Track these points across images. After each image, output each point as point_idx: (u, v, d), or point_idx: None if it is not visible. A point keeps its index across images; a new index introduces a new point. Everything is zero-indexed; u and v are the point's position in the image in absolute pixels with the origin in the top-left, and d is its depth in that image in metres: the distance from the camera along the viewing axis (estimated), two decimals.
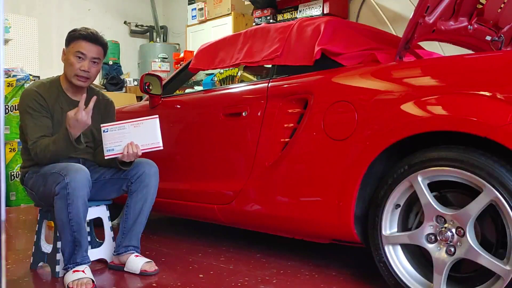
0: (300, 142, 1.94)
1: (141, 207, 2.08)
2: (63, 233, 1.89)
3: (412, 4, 3.98)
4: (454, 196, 1.60)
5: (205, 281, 1.92)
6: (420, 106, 1.59)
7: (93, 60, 2.08)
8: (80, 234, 1.89)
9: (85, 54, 2.06)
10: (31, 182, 2.05)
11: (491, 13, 2.11)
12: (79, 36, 2.07)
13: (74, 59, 2.06)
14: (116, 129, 1.94)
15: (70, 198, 1.83)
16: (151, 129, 1.99)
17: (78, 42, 2.06)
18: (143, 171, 2.08)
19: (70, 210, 1.84)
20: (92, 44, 2.08)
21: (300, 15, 4.52)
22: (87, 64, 2.06)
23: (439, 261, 1.52)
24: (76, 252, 1.91)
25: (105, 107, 2.27)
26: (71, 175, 1.84)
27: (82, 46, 2.06)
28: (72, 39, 2.08)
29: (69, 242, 1.89)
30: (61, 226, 1.88)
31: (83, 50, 2.06)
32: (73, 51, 2.06)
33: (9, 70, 4.26)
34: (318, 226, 1.89)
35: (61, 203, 1.84)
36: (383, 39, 2.32)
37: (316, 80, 1.98)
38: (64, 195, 1.83)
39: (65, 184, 1.82)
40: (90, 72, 2.08)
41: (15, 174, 4.06)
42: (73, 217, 1.85)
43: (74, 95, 2.14)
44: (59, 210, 1.86)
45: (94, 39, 2.08)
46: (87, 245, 1.96)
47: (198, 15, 5.86)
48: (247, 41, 2.40)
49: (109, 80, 6.11)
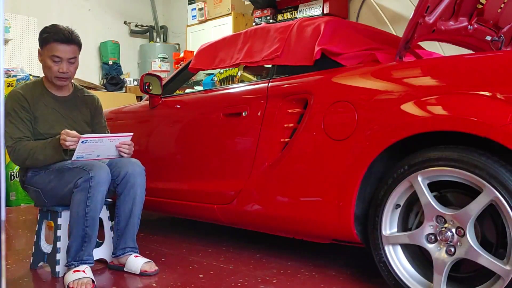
0: (300, 142, 1.94)
1: (131, 208, 2.07)
2: (75, 228, 1.90)
3: (412, 4, 3.98)
4: (454, 196, 1.60)
5: (205, 281, 1.92)
6: (420, 106, 1.59)
7: (69, 61, 2.08)
8: (92, 230, 1.91)
9: (61, 57, 2.05)
10: (35, 180, 2.05)
11: (491, 13, 2.11)
12: (52, 39, 2.04)
13: (51, 62, 2.06)
14: (94, 141, 1.96)
15: (91, 192, 1.86)
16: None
17: (52, 45, 2.04)
18: (127, 171, 2.05)
19: (89, 204, 1.87)
20: (65, 45, 2.05)
21: (300, 15, 4.52)
22: (64, 66, 2.07)
23: (439, 261, 1.52)
24: (83, 249, 1.92)
25: (92, 103, 2.30)
26: (95, 170, 1.89)
27: (56, 49, 2.04)
28: (45, 42, 2.05)
29: (79, 237, 1.90)
30: (75, 219, 1.89)
31: (58, 54, 2.05)
32: (49, 55, 2.05)
33: (9, 70, 4.26)
34: (318, 226, 1.89)
35: (82, 195, 1.87)
36: (383, 39, 2.32)
37: (316, 80, 1.98)
38: (86, 188, 1.86)
39: (89, 177, 1.86)
40: (69, 72, 2.10)
41: (15, 174, 4.06)
42: (90, 211, 1.88)
43: (58, 92, 2.18)
44: (77, 203, 1.88)
45: (67, 40, 2.06)
46: (95, 243, 1.98)
47: (198, 15, 5.86)
48: (247, 41, 2.40)
49: (109, 80, 6.11)
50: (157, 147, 2.68)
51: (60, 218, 2.03)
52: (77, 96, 2.25)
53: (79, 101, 2.24)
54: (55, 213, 2.05)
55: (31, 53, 5.38)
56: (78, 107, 2.23)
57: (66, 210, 2.02)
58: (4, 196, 0.74)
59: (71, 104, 2.21)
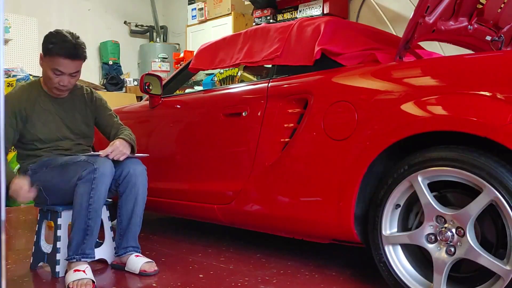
0: (300, 142, 1.94)
1: (133, 207, 2.07)
2: (77, 220, 1.90)
3: (412, 4, 3.98)
4: (454, 196, 1.60)
5: (205, 281, 1.92)
6: (420, 106, 1.59)
7: (71, 75, 2.04)
8: (95, 222, 1.91)
9: (64, 72, 2.01)
10: (36, 177, 2.02)
11: (491, 13, 2.11)
12: (56, 53, 1.96)
13: (52, 74, 2.00)
14: None
15: (95, 183, 1.87)
16: None
17: (56, 58, 1.97)
18: (128, 171, 2.05)
19: (92, 195, 1.87)
20: (70, 61, 1.99)
21: (300, 15, 4.52)
22: (66, 79, 2.03)
23: (439, 261, 1.52)
24: (85, 242, 1.91)
25: (91, 99, 2.25)
26: (99, 162, 1.90)
27: (59, 64, 1.98)
28: (49, 53, 1.97)
29: (81, 230, 1.90)
30: (77, 211, 1.89)
31: (61, 68, 1.99)
32: (51, 66, 1.99)
33: (9, 70, 4.25)
34: (318, 226, 1.89)
35: (86, 187, 1.87)
36: (383, 39, 2.32)
37: (316, 80, 1.98)
38: (90, 179, 1.86)
39: (94, 169, 1.87)
40: (70, 84, 2.06)
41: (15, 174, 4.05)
42: (93, 202, 1.87)
43: (56, 94, 2.12)
44: (81, 194, 1.88)
45: (73, 56, 1.99)
46: (96, 237, 1.98)
47: (198, 15, 5.86)
48: (247, 41, 2.40)
49: (109, 80, 6.12)
50: (157, 147, 2.68)
51: (60, 218, 2.03)
52: (75, 96, 2.20)
53: (78, 101, 2.20)
54: (55, 213, 2.05)
55: (31, 53, 5.38)
56: (77, 107, 2.19)
57: (66, 210, 2.02)
58: (4, 196, 0.74)
59: (70, 105, 2.17)
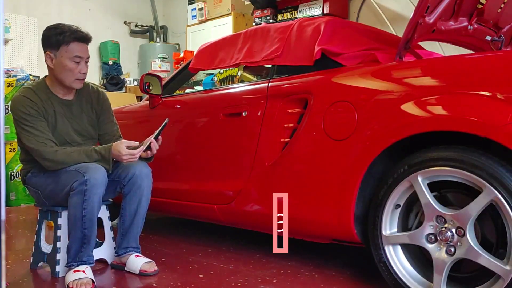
0: (300, 142, 1.94)
1: (136, 208, 2.07)
2: (74, 230, 1.90)
3: (412, 4, 3.97)
4: (454, 196, 1.60)
5: (205, 281, 1.92)
6: (420, 106, 1.59)
7: (86, 60, 2.07)
8: (91, 231, 1.91)
9: (82, 57, 2.02)
10: (34, 181, 2.05)
11: (491, 13, 2.11)
12: (72, 38, 1.99)
13: (72, 64, 2.00)
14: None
15: (87, 195, 1.85)
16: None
17: (73, 45, 1.99)
18: (134, 172, 2.05)
19: (85, 206, 1.86)
20: (84, 44, 2.04)
21: (300, 15, 4.52)
22: (84, 66, 2.05)
23: (439, 261, 1.52)
24: (83, 250, 1.92)
25: (98, 100, 2.22)
26: (90, 172, 1.86)
27: (77, 50, 2.00)
28: (64, 43, 1.98)
29: (78, 239, 1.90)
30: (73, 222, 1.89)
31: (80, 54, 2.01)
32: (69, 56, 1.99)
33: (9, 70, 4.26)
34: (318, 226, 1.89)
35: (78, 198, 1.86)
36: (383, 39, 2.32)
37: (316, 80, 1.98)
38: (81, 191, 1.85)
39: (84, 180, 1.84)
40: (86, 72, 2.08)
41: (15, 174, 4.06)
42: (87, 213, 1.86)
43: (65, 95, 2.11)
44: (74, 205, 1.87)
45: (85, 39, 2.04)
46: (94, 243, 1.98)
47: (198, 15, 5.87)
48: (247, 41, 2.40)
49: (109, 80, 6.12)
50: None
51: (60, 218, 2.03)
52: (82, 97, 2.17)
53: (84, 102, 2.17)
54: (55, 213, 2.05)
55: (31, 53, 5.37)
56: (84, 109, 2.16)
57: (66, 210, 2.01)
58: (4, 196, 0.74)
59: (77, 108, 2.14)
